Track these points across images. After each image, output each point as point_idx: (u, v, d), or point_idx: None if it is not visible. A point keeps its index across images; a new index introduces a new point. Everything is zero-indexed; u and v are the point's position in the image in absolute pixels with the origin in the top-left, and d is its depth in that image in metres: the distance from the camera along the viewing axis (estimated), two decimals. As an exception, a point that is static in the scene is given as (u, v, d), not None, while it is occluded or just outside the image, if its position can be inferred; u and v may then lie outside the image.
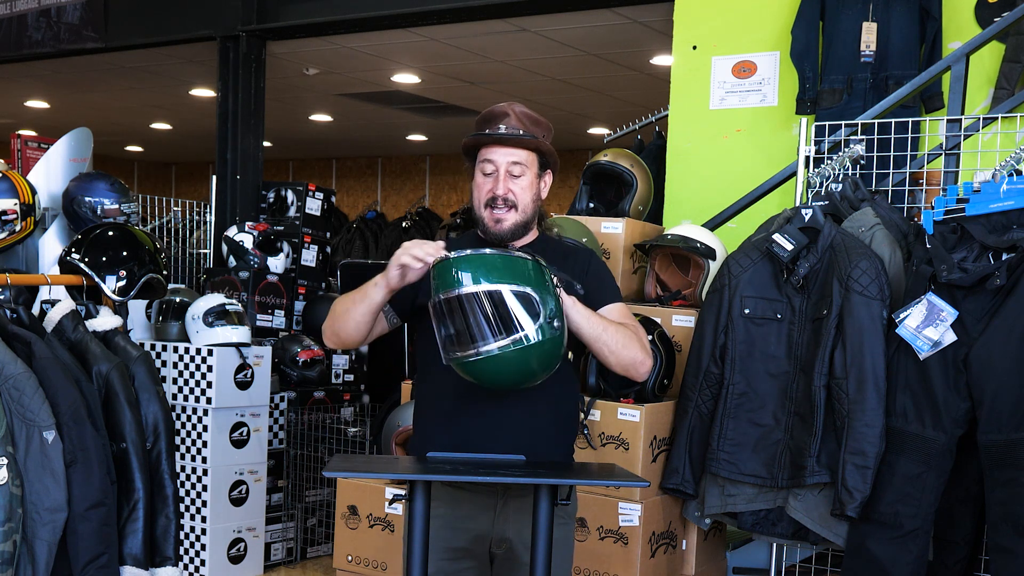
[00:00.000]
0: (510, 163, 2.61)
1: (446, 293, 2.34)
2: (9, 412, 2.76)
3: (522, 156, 2.62)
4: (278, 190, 6.36)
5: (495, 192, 2.60)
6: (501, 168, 2.61)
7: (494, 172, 2.61)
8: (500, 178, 2.61)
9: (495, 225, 2.62)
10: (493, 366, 2.32)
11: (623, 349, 2.56)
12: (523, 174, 2.62)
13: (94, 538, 2.84)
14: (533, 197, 2.65)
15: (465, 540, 2.61)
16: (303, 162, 13.89)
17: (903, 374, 3.35)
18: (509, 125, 2.62)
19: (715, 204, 4.76)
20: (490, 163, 2.62)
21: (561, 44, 6.94)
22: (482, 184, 2.63)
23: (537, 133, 2.65)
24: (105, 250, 3.25)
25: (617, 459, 3.66)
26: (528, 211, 2.64)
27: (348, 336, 2.61)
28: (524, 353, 2.31)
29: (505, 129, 2.61)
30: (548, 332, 2.31)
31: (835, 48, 4.70)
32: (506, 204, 2.61)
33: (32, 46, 7.38)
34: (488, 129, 2.63)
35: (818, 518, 3.49)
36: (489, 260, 2.35)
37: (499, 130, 2.61)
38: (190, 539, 4.99)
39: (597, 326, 2.53)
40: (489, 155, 2.62)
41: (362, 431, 5.75)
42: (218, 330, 4.96)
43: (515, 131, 2.62)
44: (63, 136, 4.59)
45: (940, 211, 3.33)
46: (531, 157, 2.64)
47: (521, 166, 2.62)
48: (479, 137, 2.64)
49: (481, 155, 2.64)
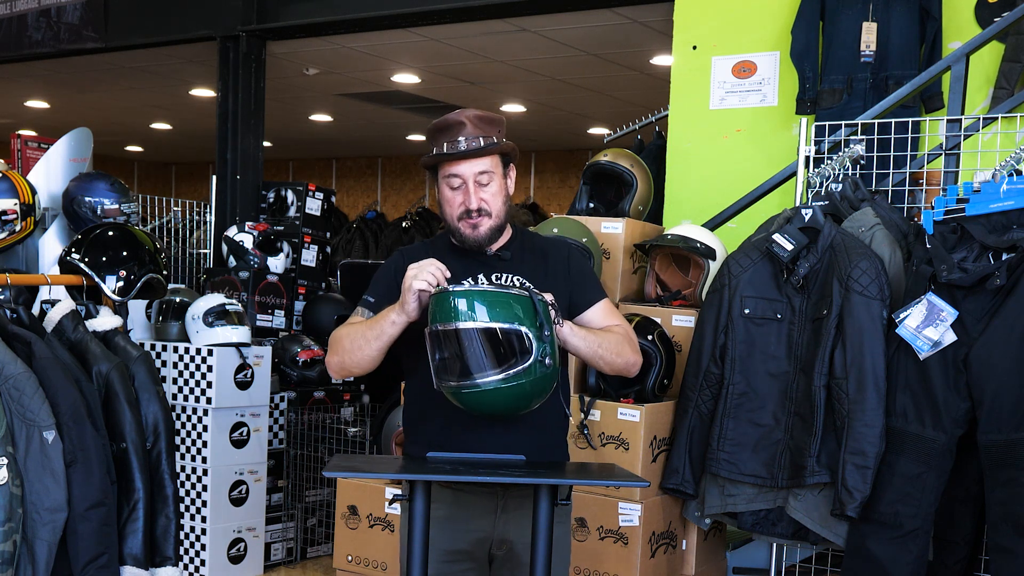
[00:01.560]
0: (476, 174, 2.57)
1: (443, 325, 2.36)
2: (9, 412, 2.76)
3: (487, 163, 2.58)
4: (278, 190, 6.36)
5: (467, 206, 2.58)
6: (469, 180, 2.57)
7: (462, 185, 2.58)
8: (470, 191, 2.57)
9: (472, 231, 2.59)
10: (484, 398, 2.37)
11: (617, 357, 2.60)
12: (491, 181, 2.59)
13: (94, 538, 2.84)
14: (504, 199, 2.63)
15: (465, 542, 2.61)
16: (303, 162, 13.89)
17: (903, 374, 3.35)
18: (467, 135, 2.56)
19: (715, 204, 4.76)
20: (456, 177, 2.58)
21: (561, 44, 6.94)
22: (452, 198, 2.59)
23: (493, 134, 2.59)
24: (105, 250, 3.25)
25: (617, 459, 3.66)
26: (501, 214, 2.62)
27: (361, 370, 2.59)
28: (515, 389, 2.36)
29: (465, 141, 2.56)
30: (539, 370, 2.36)
31: (835, 48, 4.70)
32: (480, 214, 2.58)
33: (32, 46, 7.38)
34: (446, 143, 2.57)
35: (818, 518, 3.49)
36: (488, 297, 2.37)
37: (459, 144, 2.56)
38: (190, 539, 4.99)
39: (593, 343, 2.55)
40: (453, 170, 2.58)
41: (362, 431, 5.75)
42: (218, 330, 4.96)
43: (474, 141, 2.56)
44: (63, 136, 4.59)
45: (940, 211, 3.33)
46: (495, 161, 2.60)
47: (488, 174, 2.58)
48: (439, 156, 2.58)
49: (444, 170, 2.59)
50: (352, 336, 2.55)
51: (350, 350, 2.55)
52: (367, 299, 2.65)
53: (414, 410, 2.68)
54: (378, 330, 2.50)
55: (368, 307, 2.63)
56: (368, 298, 2.65)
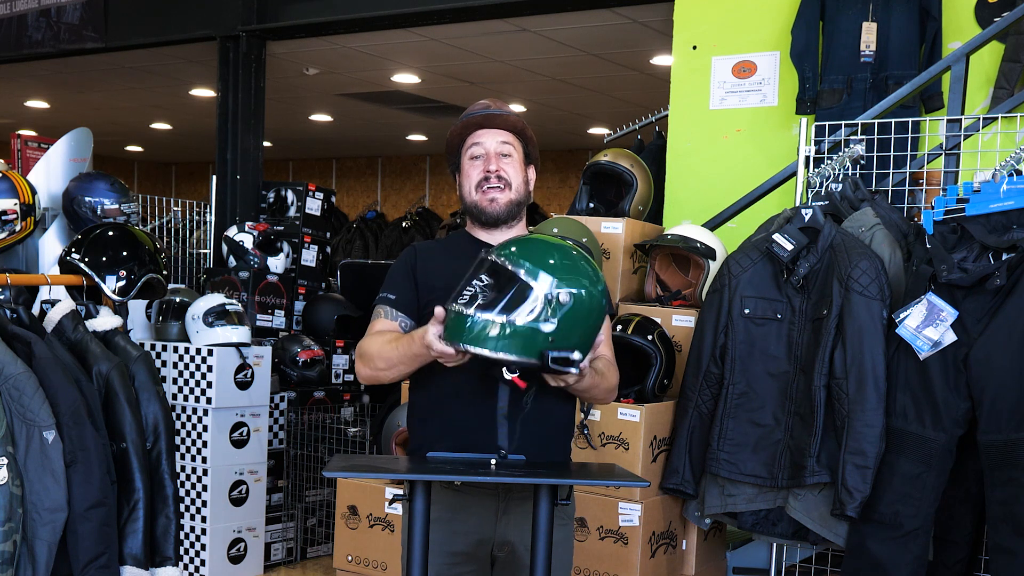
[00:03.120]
0: (499, 143, 2.62)
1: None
2: (9, 412, 2.76)
3: (509, 138, 2.64)
4: (278, 190, 6.36)
5: (487, 169, 2.61)
6: (491, 149, 2.62)
7: (483, 155, 2.62)
8: (491, 157, 2.62)
9: (489, 205, 2.61)
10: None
11: (602, 397, 2.64)
12: (511, 154, 2.64)
13: (94, 538, 2.84)
14: (523, 179, 2.66)
15: (466, 544, 2.60)
16: (303, 162, 13.90)
17: (903, 374, 3.35)
18: (493, 109, 2.66)
19: (715, 204, 4.76)
20: (478, 146, 2.63)
21: (561, 44, 6.94)
22: (471, 170, 2.63)
23: (518, 126, 2.69)
24: (105, 250, 3.25)
25: (617, 459, 3.66)
26: (521, 192, 2.64)
27: (389, 381, 2.61)
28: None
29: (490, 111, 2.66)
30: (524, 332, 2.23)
31: (835, 48, 4.70)
32: (500, 181, 2.61)
33: (32, 46, 7.38)
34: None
35: (818, 518, 3.50)
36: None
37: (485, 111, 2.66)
38: (190, 539, 4.99)
39: (589, 383, 2.50)
40: (477, 139, 2.63)
41: (362, 431, 5.75)
42: (218, 330, 4.96)
43: (499, 112, 2.66)
44: (63, 136, 4.59)
45: (940, 211, 3.33)
46: (517, 143, 2.66)
47: (509, 146, 2.63)
48: (465, 121, 2.65)
49: (467, 144, 2.65)
50: (386, 355, 2.52)
51: (391, 366, 2.53)
52: (387, 296, 2.64)
53: (418, 411, 2.68)
54: (410, 360, 2.47)
55: (390, 304, 2.63)
56: (388, 295, 2.64)
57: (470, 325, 2.24)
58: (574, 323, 2.25)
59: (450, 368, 2.45)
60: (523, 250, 2.29)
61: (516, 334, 2.22)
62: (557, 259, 2.27)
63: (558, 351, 2.23)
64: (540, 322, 2.22)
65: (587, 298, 2.26)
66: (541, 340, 2.23)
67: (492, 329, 2.22)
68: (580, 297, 2.24)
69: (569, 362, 2.24)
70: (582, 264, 2.30)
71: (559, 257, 2.28)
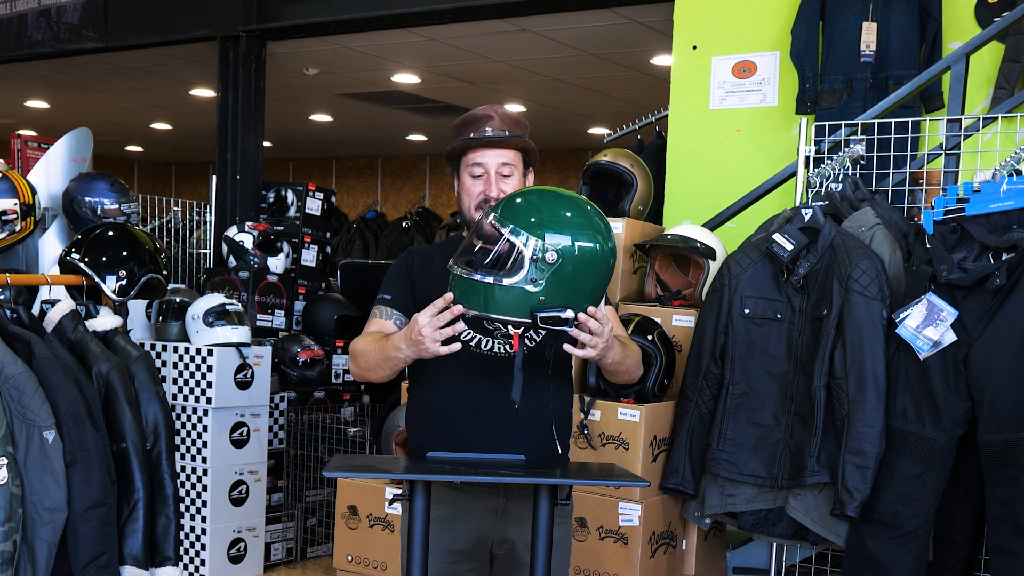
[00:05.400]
0: (499, 164, 2.62)
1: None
2: (9, 412, 2.76)
3: (510, 156, 2.64)
4: (278, 190, 6.36)
5: (487, 194, 2.61)
6: (491, 170, 2.62)
7: (483, 175, 2.62)
8: (491, 180, 2.61)
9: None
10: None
11: (635, 370, 2.63)
12: (512, 174, 2.64)
13: (94, 538, 2.84)
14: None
15: (465, 542, 2.61)
16: (303, 162, 13.90)
17: (903, 374, 3.35)
18: (494, 127, 2.63)
19: (715, 204, 4.76)
20: (479, 166, 2.62)
21: (561, 44, 6.94)
22: (472, 187, 2.64)
23: (519, 133, 2.67)
24: (105, 250, 3.25)
25: (617, 459, 3.66)
26: None
27: (381, 381, 2.64)
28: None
29: (491, 131, 2.62)
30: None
31: (835, 48, 4.70)
32: None
33: (32, 46, 7.38)
34: (473, 133, 2.63)
35: (818, 518, 3.50)
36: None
37: (485, 133, 2.62)
38: (190, 539, 4.99)
39: (619, 356, 2.50)
40: (477, 158, 2.63)
41: (362, 431, 5.75)
42: (218, 330, 4.96)
43: (501, 133, 2.63)
44: (63, 136, 4.60)
45: (940, 211, 3.33)
46: (517, 157, 2.66)
47: (510, 166, 2.63)
48: (467, 141, 2.64)
49: (468, 159, 2.64)
50: (368, 355, 2.56)
51: (371, 367, 2.57)
52: (384, 297, 2.68)
53: (416, 411, 2.69)
54: (393, 360, 2.49)
55: (386, 304, 2.66)
56: (384, 296, 2.68)
57: (463, 285, 2.27)
58: (565, 281, 2.25)
59: (448, 369, 2.46)
60: (509, 210, 2.29)
61: (506, 294, 2.23)
62: (545, 216, 2.26)
63: (548, 310, 2.24)
64: (527, 282, 2.23)
65: (579, 254, 2.25)
66: (533, 300, 2.24)
67: (483, 289, 2.25)
68: (569, 254, 2.24)
69: (560, 320, 2.25)
70: (576, 219, 2.28)
71: (548, 214, 2.27)
